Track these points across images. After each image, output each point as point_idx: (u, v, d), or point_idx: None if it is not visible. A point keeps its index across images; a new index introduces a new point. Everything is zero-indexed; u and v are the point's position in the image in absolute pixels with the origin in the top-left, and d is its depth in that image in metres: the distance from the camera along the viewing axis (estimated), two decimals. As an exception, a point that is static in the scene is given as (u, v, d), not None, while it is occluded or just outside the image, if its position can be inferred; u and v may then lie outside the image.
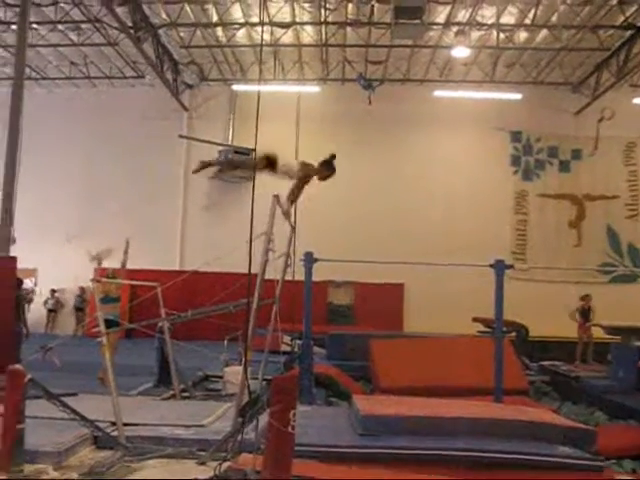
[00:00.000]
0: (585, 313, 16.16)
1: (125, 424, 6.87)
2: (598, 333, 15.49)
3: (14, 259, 10.95)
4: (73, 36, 18.86)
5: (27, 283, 21.71)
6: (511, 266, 10.30)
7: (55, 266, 20.68)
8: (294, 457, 5.13)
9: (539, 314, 17.51)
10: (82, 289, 20.89)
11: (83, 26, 18.14)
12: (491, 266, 9.82)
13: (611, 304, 18.28)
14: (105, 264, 19.60)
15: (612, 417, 10.18)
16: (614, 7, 16.54)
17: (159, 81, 19.96)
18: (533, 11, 16.91)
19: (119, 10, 15.83)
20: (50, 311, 21.51)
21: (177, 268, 19.94)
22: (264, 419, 5.36)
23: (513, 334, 15.14)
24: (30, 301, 20.94)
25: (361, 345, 12.40)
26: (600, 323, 14.83)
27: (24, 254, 11.76)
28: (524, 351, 15.02)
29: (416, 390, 9.04)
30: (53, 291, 21.54)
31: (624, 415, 10.03)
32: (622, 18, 17.00)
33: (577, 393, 12.01)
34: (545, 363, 14.85)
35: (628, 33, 17.58)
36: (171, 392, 9.81)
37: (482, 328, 16.17)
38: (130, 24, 16.52)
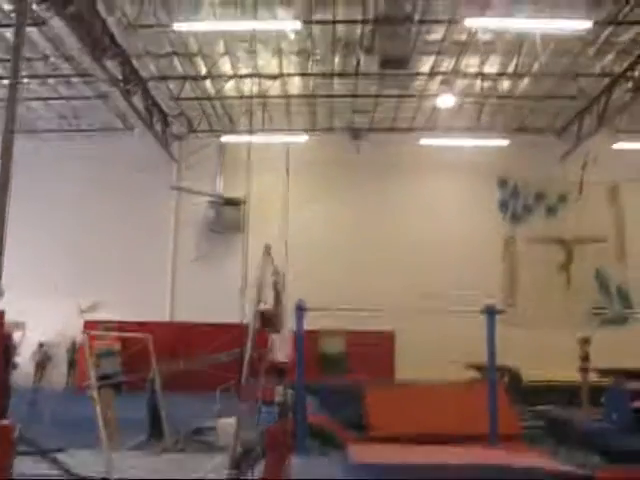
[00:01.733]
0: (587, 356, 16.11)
1: None
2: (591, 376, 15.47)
3: (2, 313, 10.82)
4: (63, 89, 19.06)
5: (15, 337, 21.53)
6: (502, 311, 10.34)
7: (43, 319, 20.48)
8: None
9: (531, 358, 17.45)
10: (73, 343, 20.61)
11: (73, 80, 18.35)
12: (482, 312, 9.86)
13: (602, 347, 18.30)
14: (95, 316, 19.58)
15: (608, 460, 10.09)
16: (592, 56, 16.93)
17: (149, 133, 20.11)
18: (515, 60, 17.28)
19: (109, 63, 16.02)
20: (38, 365, 21.17)
21: (168, 319, 19.83)
22: (260, 469, 5.30)
23: (506, 379, 15.06)
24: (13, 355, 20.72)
25: (354, 394, 12.31)
26: (595, 366, 14.83)
27: (12, 307, 11.65)
28: (517, 396, 14.93)
29: (410, 437, 8.97)
30: (41, 344, 21.23)
31: (620, 457, 9.95)
32: (600, 66, 17.39)
33: (572, 437, 11.91)
34: (539, 407, 14.75)
35: (607, 80, 17.97)
36: (163, 445, 9.68)
37: (475, 374, 16.09)
38: (120, 77, 16.72)
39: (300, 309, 10.12)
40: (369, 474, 6.58)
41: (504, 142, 21.12)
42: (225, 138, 21.76)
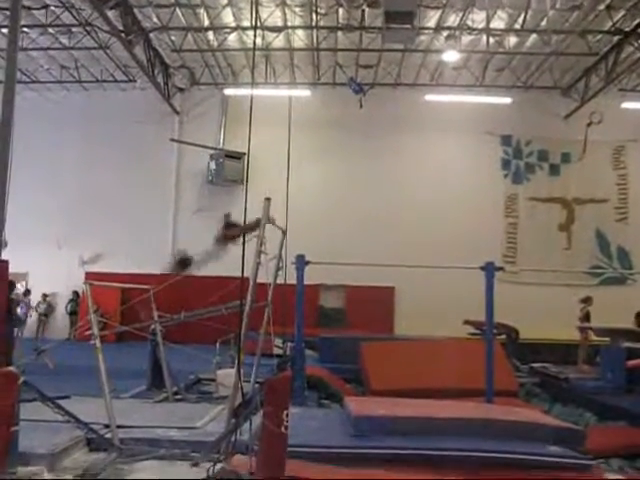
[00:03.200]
0: (588, 316, 16.25)
1: (118, 426, 6.90)
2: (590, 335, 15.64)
3: (6, 263, 10.87)
4: (64, 39, 18.85)
5: (18, 287, 21.73)
6: (501, 268, 10.40)
7: (46, 270, 20.66)
8: (287, 458, 5.18)
9: (529, 317, 17.60)
10: (76, 293, 20.81)
11: (74, 30, 18.14)
12: (481, 268, 9.91)
13: (600, 306, 18.44)
14: (96, 268, 19.74)
15: (601, 418, 10.27)
16: (602, 12, 16.70)
17: (151, 85, 19.97)
18: (522, 16, 17.04)
19: (110, 13, 15.83)
20: (42, 315, 21.43)
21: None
22: (257, 421, 5.40)
23: (503, 336, 15.21)
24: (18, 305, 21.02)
25: (352, 348, 12.47)
26: (590, 325, 14.96)
27: (15, 258, 11.70)
28: (514, 353, 15.11)
29: (407, 392, 9.09)
30: (45, 295, 21.47)
31: (613, 416, 10.13)
32: (610, 23, 17.16)
33: (567, 394, 12.10)
34: (535, 365, 14.94)
35: (616, 38, 17.73)
36: (164, 395, 9.84)
37: (473, 330, 16.24)
38: (121, 28, 16.53)
39: (300, 262, 10.19)
40: (366, 426, 6.71)
41: (508, 99, 20.96)
42: (228, 91, 21.62)
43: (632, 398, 11.01)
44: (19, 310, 20.52)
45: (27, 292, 21.10)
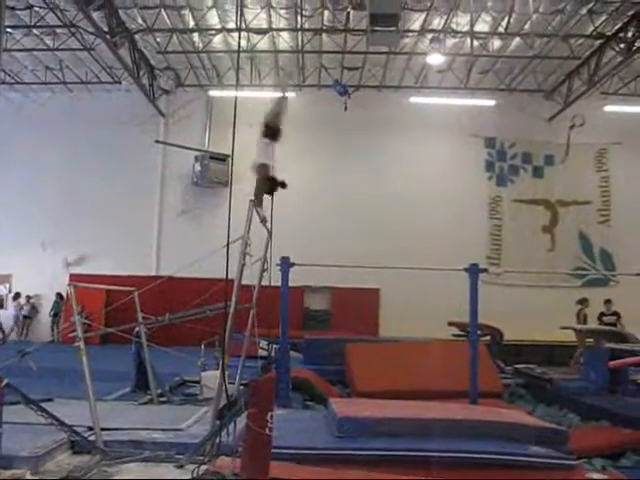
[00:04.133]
0: (585, 318, 16.41)
1: (102, 429, 6.88)
2: (570, 336, 15.75)
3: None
4: (48, 40, 18.73)
5: (1, 289, 21.62)
6: (485, 270, 10.48)
7: (30, 272, 20.53)
8: (271, 459, 5.18)
9: (513, 318, 17.70)
10: (60, 295, 20.65)
11: (58, 31, 18.04)
12: (465, 270, 9.98)
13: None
14: (80, 270, 19.66)
15: (584, 418, 10.35)
16: (584, 17, 16.84)
17: (136, 87, 19.90)
18: (506, 19, 17.16)
19: (95, 15, 15.76)
20: (25, 317, 21.29)
21: (153, 274, 19.89)
22: (242, 422, 5.40)
23: (488, 338, 15.30)
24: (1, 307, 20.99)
25: (337, 349, 12.51)
26: (573, 326, 15.08)
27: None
28: (499, 355, 15.19)
29: (392, 393, 9.14)
30: (28, 297, 21.33)
31: (596, 416, 10.21)
32: (592, 27, 17.33)
33: (551, 395, 12.18)
34: (519, 366, 15.01)
35: (598, 42, 17.91)
36: (148, 397, 9.82)
37: (457, 332, 16.31)
38: (106, 29, 16.46)
39: (285, 264, 10.21)
40: (350, 427, 6.73)
41: (492, 102, 21.09)
42: (213, 92, 21.60)
43: (614, 398, 11.12)
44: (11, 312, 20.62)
45: (17, 295, 21.03)
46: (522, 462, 6.41)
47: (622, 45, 17.03)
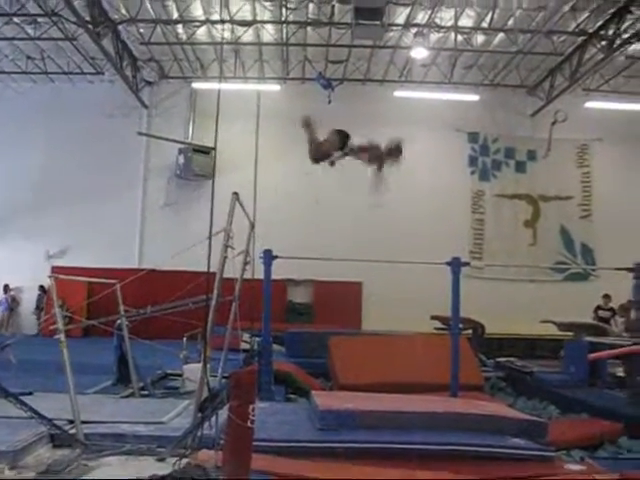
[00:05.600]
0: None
1: (83, 422, 6.84)
2: (552, 329, 15.88)
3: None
4: (29, 29, 18.53)
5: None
6: (467, 263, 10.55)
7: (11, 264, 20.36)
8: (253, 452, 5.19)
9: (495, 312, 17.82)
10: (43, 287, 20.48)
11: (40, 20, 17.84)
12: (447, 264, 10.03)
13: (564, 301, 18.77)
14: (62, 262, 19.53)
15: (564, 411, 10.46)
16: (567, 13, 16.95)
17: (118, 77, 19.74)
18: (490, 15, 17.23)
19: (77, 4, 15.61)
20: (5, 310, 21.12)
21: (136, 266, 19.79)
22: (224, 415, 5.40)
23: (469, 331, 15.39)
24: None
25: (320, 343, 12.53)
26: (553, 320, 15.17)
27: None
28: (480, 348, 15.29)
29: (374, 387, 9.17)
30: (6, 287, 21.08)
31: (575, 408, 10.32)
32: (574, 24, 17.45)
33: (531, 388, 12.28)
34: (500, 359, 15.12)
35: (580, 39, 18.03)
36: (130, 390, 9.78)
37: (440, 325, 16.40)
38: (88, 19, 16.30)
39: (267, 257, 10.20)
40: (332, 419, 6.76)
41: (476, 97, 21.15)
42: (196, 85, 21.48)
43: (594, 391, 11.25)
44: None
45: (6, 288, 20.81)
46: (502, 454, 6.47)
47: (603, 42, 17.18)
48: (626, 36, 16.62)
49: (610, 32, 16.84)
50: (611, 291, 16.82)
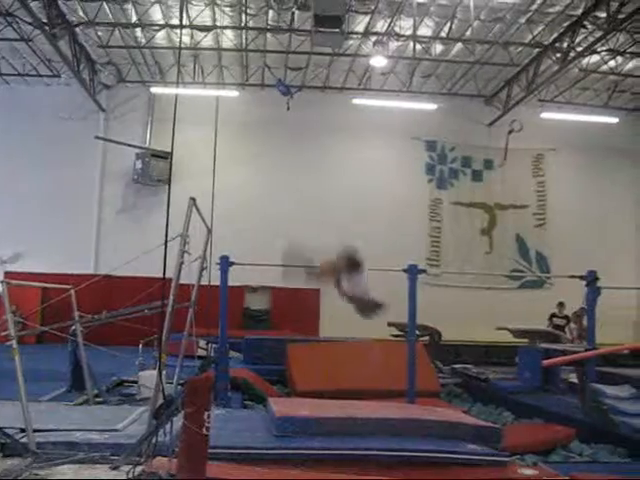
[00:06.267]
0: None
1: (35, 430, 6.69)
2: (507, 336, 16.09)
3: None
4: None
5: None
6: (424, 270, 10.64)
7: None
8: (209, 459, 5.15)
9: (452, 319, 18.01)
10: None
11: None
12: (404, 271, 10.11)
13: (520, 309, 19.07)
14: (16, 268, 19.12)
15: (519, 416, 10.62)
16: (523, 25, 17.30)
17: (76, 80, 19.46)
18: (448, 25, 17.47)
19: (33, 5, 15.36)
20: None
21: (92, 272, 19.49)
22: (179, 423, 5.35)
23: (426, 338, 15.52)
24: None
25: (277, 349, 12.52)
26: (508, 327, 15.40)
27: None
28: (437, 355, 15.42)
29: (332, 393, 9.20)
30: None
31: (530, 414, 10.48)
32: (530, 36, 17.81)
33: (487, 394, 12.43)
34: (457, 366, 15.28)
35: (536, 51, 18.42)
36: (84, 397, 9.63)
37: (397, 332, 16.50)
38: (45, 20, 16.05)
39: (224, 263, 10.16)
40: (289, 426, 6.74)
41: (434, 106, 21.38)
42: (155, 89, 21.30)
43: (547, 397, 11.45)
44: None
45: None
46: (457, 459, 6.53)
47: (558, 55, 17.59)
48: (580, 49, 17.02)
49: (565, 45, 17.24)
50: (565, 299, 17.10)
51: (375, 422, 7.11)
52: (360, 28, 17.87)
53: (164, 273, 5.74)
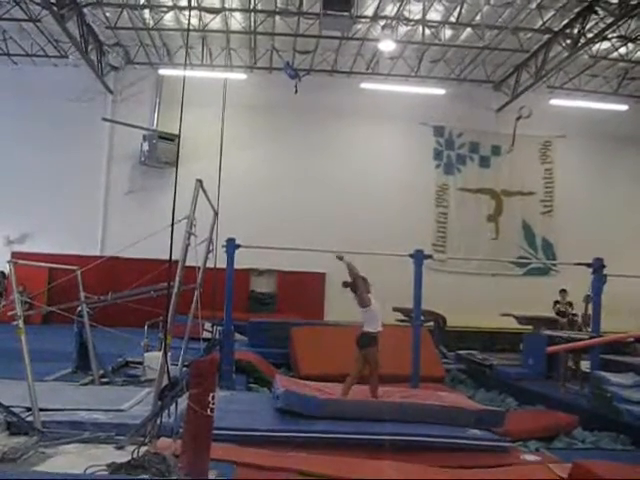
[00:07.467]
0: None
1: (41, 409, 6.75)
2: (512, 323, 16.11)
3: None
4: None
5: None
6: (430, 256, 10.66)
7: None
8: (213, 440, 5.19)
9: (457, 305, 18.03)
10: (2, 273, 20.06)
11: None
12: (411, 256, 10.12)
13: (525, 296, 19.07)
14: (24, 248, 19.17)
15: (522, 403, 10.66)
16: (533, 11, 17.14)
17: (83, 62, 19.39)
18: (458, 9, 17.33)
19: (41, -15, 15.30)
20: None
21: (98, 253, 19.54)
22: (184, 404, 5.39)
23: (431, 324, 15.54)
24: None
25: (282, 333, 12.57)
26: (513, 314, 15.42)
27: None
28: (441, 340, 15.47)
29: (336, 377, 9.23)
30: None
31: (533, 400, 10.52)
32: (540, 22, 17.65)
33: (491, 380, 12.48)
34: (461, 352, 15.32)
35: (546, 37, 18.25)
36: (90, 377, 9.70)
37: (402, 317, 16.53)
38: (53, 0, 15.97)
39: (231, 246, 10.18)
40: (293, 401, 6.80)
41: (442, 91, 21.25)
42: (163, 71, 21.22)
43: (551, 383, 11.47)
44: None
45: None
46: (461, 444, 6.58)
47: (568, 41, 17.41)
48: (590, 35, 16.86)
49: (575, 31, 17.07)
50: (571, 286, 17.08)
51: (378, 406, 7.16)
52: (369, 12, 17.73)
53: (170, 255, 5.76)
